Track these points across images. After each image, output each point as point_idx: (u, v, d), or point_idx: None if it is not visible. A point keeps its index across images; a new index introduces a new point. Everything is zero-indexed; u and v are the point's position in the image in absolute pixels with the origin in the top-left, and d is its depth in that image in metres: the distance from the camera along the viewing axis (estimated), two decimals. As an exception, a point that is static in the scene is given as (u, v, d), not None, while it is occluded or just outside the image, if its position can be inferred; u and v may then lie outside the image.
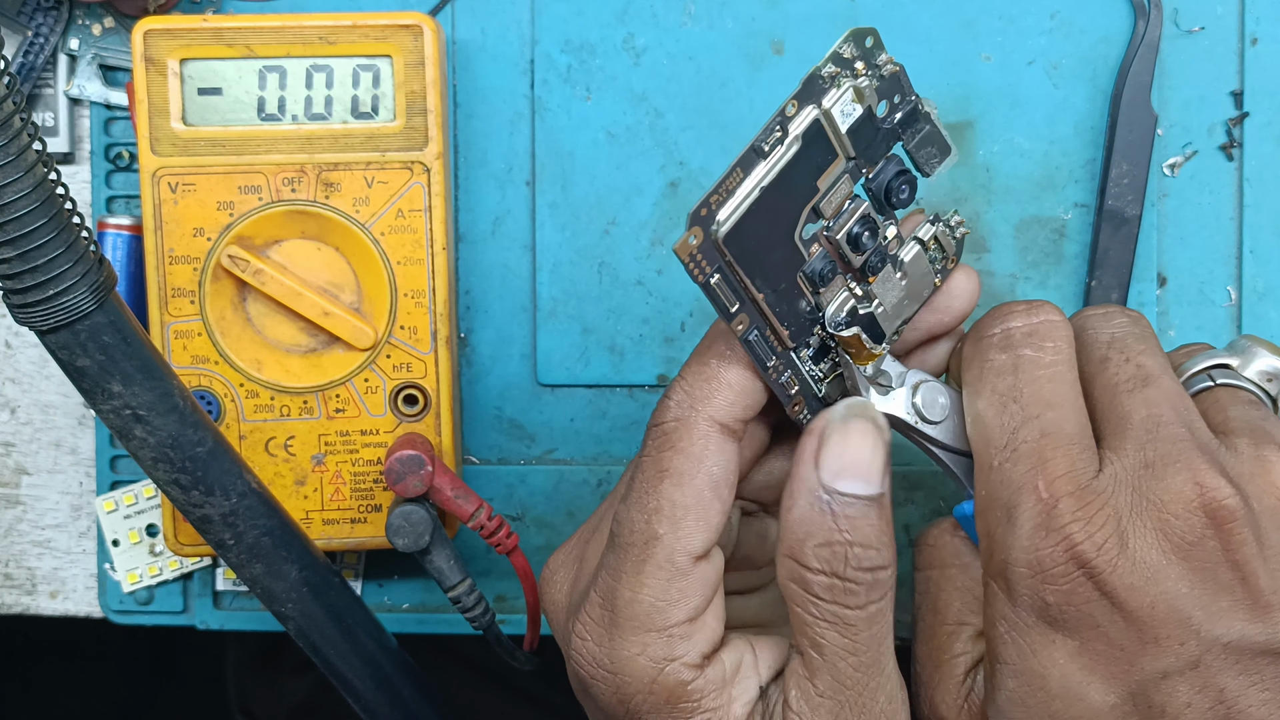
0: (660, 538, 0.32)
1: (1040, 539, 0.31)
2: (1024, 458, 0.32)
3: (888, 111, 0.34)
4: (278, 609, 0.40)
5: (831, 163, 0.33)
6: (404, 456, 0.42)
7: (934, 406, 0.35)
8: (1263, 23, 0.46)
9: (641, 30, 0.46)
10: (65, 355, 0.33)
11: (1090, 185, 0.46)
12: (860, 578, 0.31)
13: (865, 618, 0.31)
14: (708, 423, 0.32)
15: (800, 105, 0.32)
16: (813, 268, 0.33)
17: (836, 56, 0.33)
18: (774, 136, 0.32)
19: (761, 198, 0.32)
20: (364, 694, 0.42)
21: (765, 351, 0.33)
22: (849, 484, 0.31)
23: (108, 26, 0.47)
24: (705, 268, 0.31)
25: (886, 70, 0.34)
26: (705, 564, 0.32)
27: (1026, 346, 0.33)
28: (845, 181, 0.33)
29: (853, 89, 0.33)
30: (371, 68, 0.43)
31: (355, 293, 0.44)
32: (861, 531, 0.31)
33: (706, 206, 0.31)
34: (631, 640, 0.32)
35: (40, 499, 0.49)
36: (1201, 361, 0.36)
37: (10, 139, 0.29)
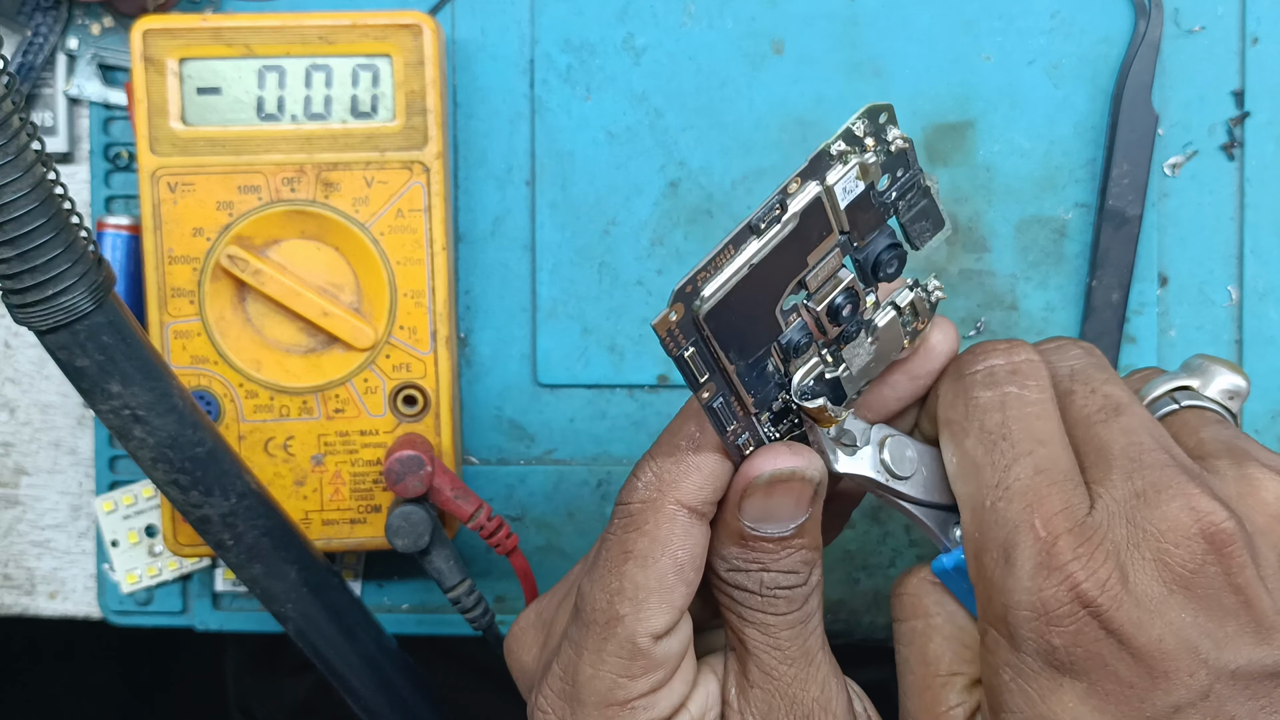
0: (622, 619, 0.32)
1: (1042, 580, 0.30)
2: (1018, 496, 0.31)
3: (889, 185, 0.33)
4: (277, 609, 0.40)
5: (825, 238, 0.32)
6: (404, 457, 0.42)
7: (902, 461, 0.34)
8: (1263, 22, 0.45)
9: (641, 30, 0.46)
10: (64, 355, 0.33)
11: (1091, 185, 0.46)
12: (779, 594, 0.33)
13: (786, 622, 0.33)
14: (675, 506, 0.32)
15: (804, 181, 0.31)
16: (789, 339, 0.32)
17: (848, 134, 0.32)
18: (772, 214, 0.31)
19: (749, 274, 0.31)
20: (364, 694, 0.42)
21: (727, 417, 0.33)
22: (768, 528, 0.32)
23: (107, 26, 0.47)
24: (681, 341, 0.31)
25: (895, 146, 0.33)
26: (669, 640, 0.33)
27: (1011, 384, 0.33)
28: (835, 255, 0.33)
29: (859, 166, 0.32)
30: (371, 67, 0.43)
31: (355, 293, 0.44)
32: (778, 563, 0.32)
33: (693, 283, 0.31)
34: (593, 714, 0.33)
35: (39, 499, 0.49)
36: (1161, 385, 0.35)
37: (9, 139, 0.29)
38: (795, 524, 0.32)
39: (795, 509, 0.32)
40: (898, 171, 0.33)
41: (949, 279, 0.47)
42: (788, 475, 0.32)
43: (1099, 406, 0.33)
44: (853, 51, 0.46)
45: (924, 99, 0.46)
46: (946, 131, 0.46)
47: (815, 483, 0.32)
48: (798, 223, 0.31)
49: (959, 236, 0.46)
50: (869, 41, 0.46)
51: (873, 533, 0.48)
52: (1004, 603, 0.31)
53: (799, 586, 0.33)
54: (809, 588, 0.33)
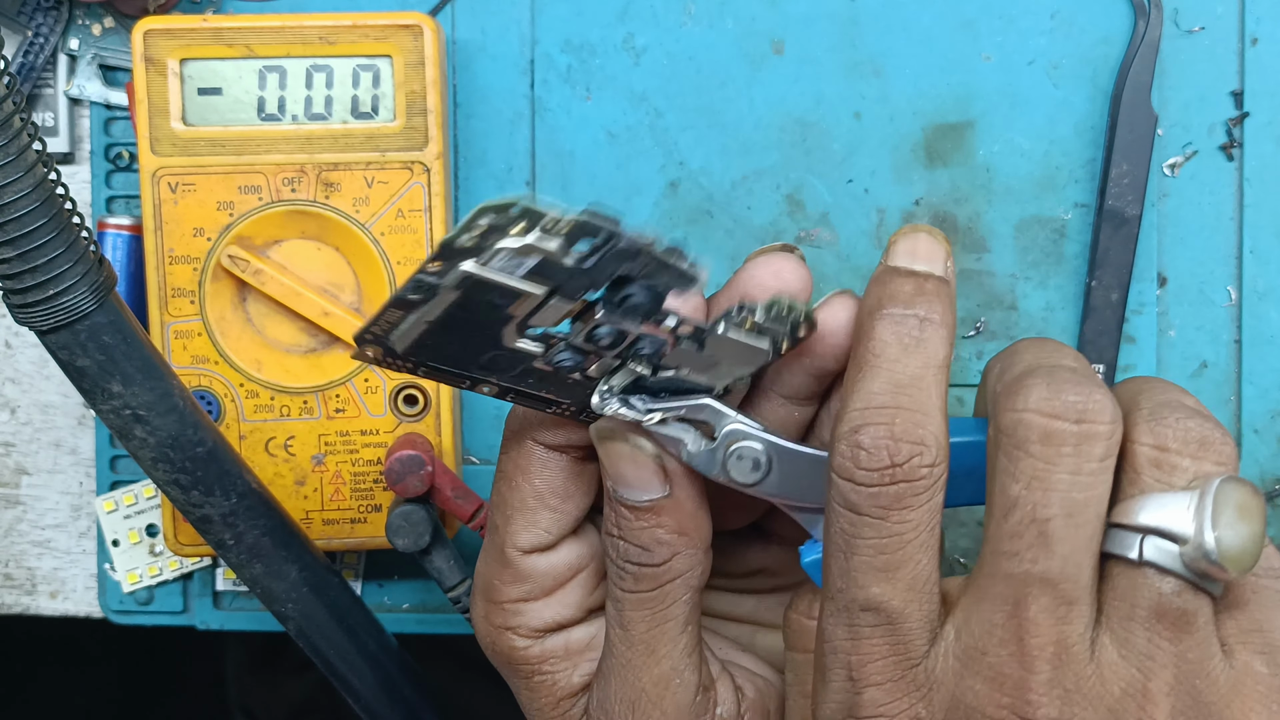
0: (496, 528, 0.35)
1: (841, 716, 0.30)
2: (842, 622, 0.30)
3: (590, 251, 0.28)
4: (278, 609, 0.40)
5: (517, 299, 0.28)
6: (404, 457, 0.42)
7: (744, 472, 0.32)
8: (1263, 23, 0.45)
9: (641, 30, 0.46)
10: (65, 355, 0.33)
11: (1090, 185, 0.46)
12: (628, 568, 0.33)
13: (632, 601, 0.33)
14: (532, 442, 0.34)
15: (444, 265, 0.27)
16: (557, 358, 0.30)
17: (469, 226, 0.27)
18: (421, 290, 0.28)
19: (431, 330, 0.29)
20: (364, 694, 0.42)
21: (538, 404, 0.32)
22: (625, 492, 0.33)
23: (108, 26, 0.47)
24: (404, 364, 0.30)
25: (563, 228, 0.27)
26: (540, 557, 0.35)
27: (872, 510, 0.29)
28: (556, 304, 0.29)
29: (506, 250, 0.27)
30: (371, 68, 0.43)
31: (355, 293, 0.44)
32: (633, 534, 0.33)
33: (370, 333, 0.29)
34: (479, 604, 0.36)
35: (40, 499, 0.49)
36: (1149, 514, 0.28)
37: (10, 139, 0.29)
38: (649, 496, 0.32)
39: (640, 478, 0.32)
40: (594, 239, 0.28)
41: (949, 279, 0.47)
42: (609, 433, 0.33)
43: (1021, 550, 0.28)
44: (853, 51, 0.46)
45: (924, 99, 0.46)
46: (946, 132, 0.46)
47: (650, 453, 0.32)
48: (460, 293, 0.28)
49: (959, 237, 0.46)
50: (869, 41, 0.46)
51: (872, 532, 0.48)
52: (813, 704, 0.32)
53: (649, 566, 0.33)
54: (664, 572, 0.33)
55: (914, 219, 0.46)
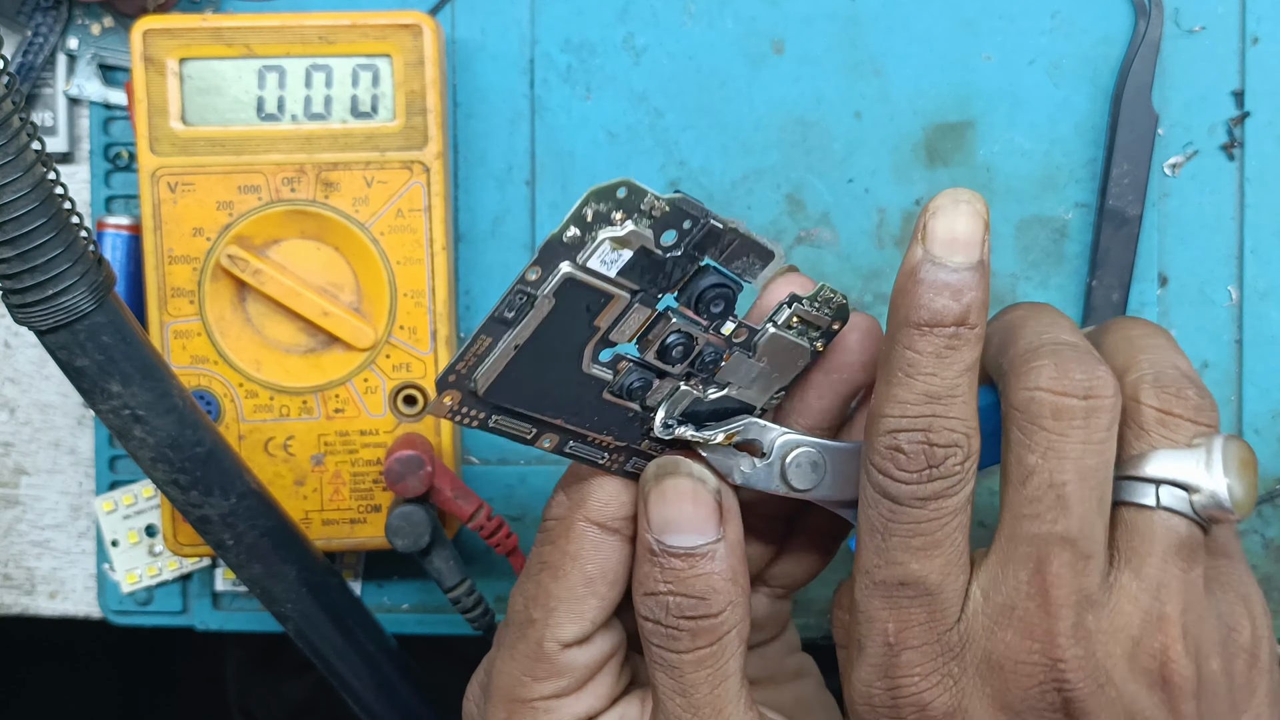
0: (534, 622, 0.33)
1: (876, 679, 0.31)
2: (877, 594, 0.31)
3: (678, 239, 0.30)
4: (277, 609, 0.40)
5: (607, 305, 0.30)
6: (404, 457, 0.42)
7: (805, 476, 0.33)
8: (1264, 22, 0.45)
9: (641, 30, 0.46)
10: (64, 355, 0.33)
11: (1091, 185, 0.46)
12: (683, 625, 0.32)
13: (692, 661, 0.32)
14: (584, 523, 0.33)
15: (544, 270, 0.29)
16: (622, 384, 0.31)
17: (577, 218, 0.29)
18: (518, 303, 0.29)
19: (520, 355, 0.30)
20: (363, 694, 0.42)
21: (592, 455, 0.32)
22: (675, 538, 0.32)
23: (107, 26, 0.47)
24: (476, 415, 0.30)
25: (658, 209, 0.29)
26: (579, 650, 0.33)
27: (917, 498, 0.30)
28: (637, 311, 0.31)
29: (610, 240, 0.29)
30: (371, 67, 0.43)
31: (355, 293, 0.44)
32: (685, 584, 0.32)
33: (454, 373, 0.30)
34: (500, 707, 0.34)
35: (39, 499, 0.49)
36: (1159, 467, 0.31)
37: (9, 139, 0.29)
38: (704, 540, 0.31)
39: (697, 517, 0.32)
40: (683, 224, 0.30)
41: (949, 279, 0.46)
42: (672, 467, 0.32)
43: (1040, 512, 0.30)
44: (853, 51, 0.46)
45: (924, 99, 0.46)
46: (946, 131, 0.46)
47: (711, 487, 0.32)
48: (555, 302, 0.29)
49: (959, 236, 0.46)
50: (869, 41, 0.46)
51: (873, 533, 0.48)
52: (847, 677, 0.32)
53: (706, 618, 0.32)
54: (721, 624, 0.32)
55: (915, 219, 0.46)
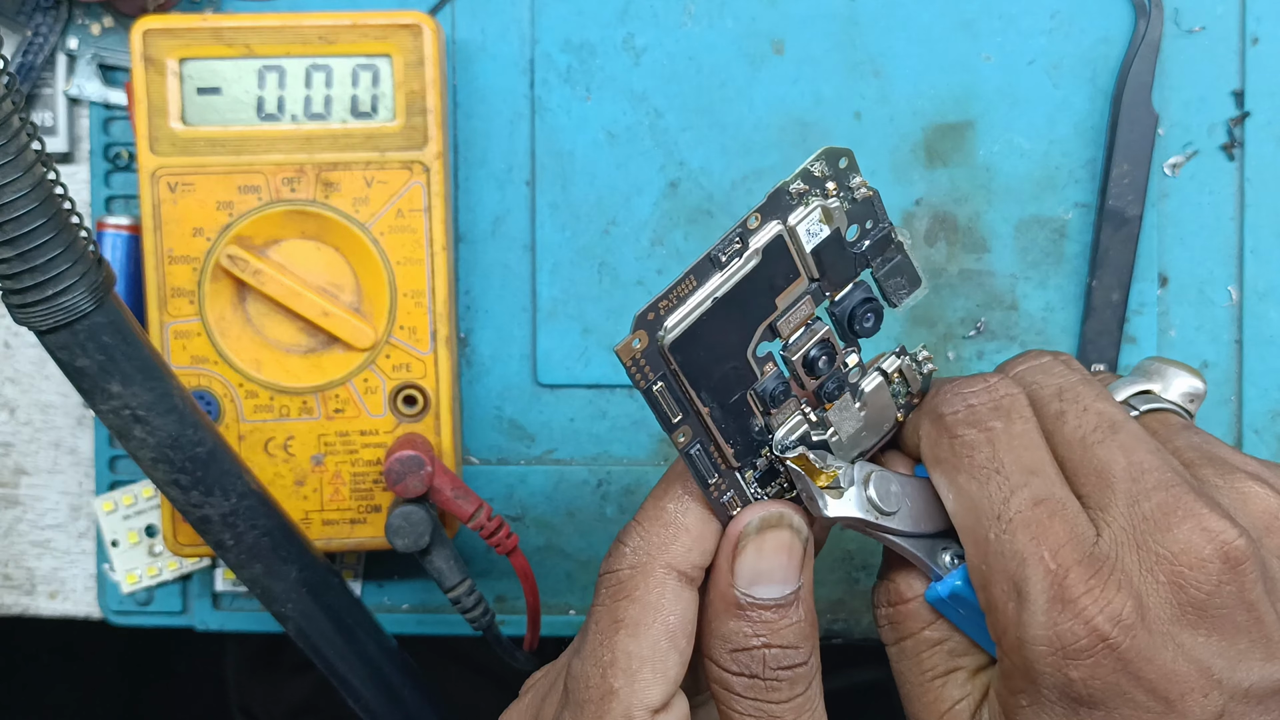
0: (616, 692, 0.31)
1: (1057, 614, 0.30)
2: (1021, 528, 0.31)
3: (858, 236, 0.32)
4: (277, 609, 0.40)
5: (792, 282, 0.31)
6: (404, 457, 0.42)
7: (888, 498, 0.33)
8: (1263, 22, 0.45)
9: (641, 30, 0.46)
10: (64, 355, 0.33)
11: (1091, 185, 0.46)
12: (781, 675, 0.31)
13: (792, 709, 0.32)
14: (664, 570, 0.31)
15: (764, 219, 0.31)
16: (764, 387, 0.32)
17: (807, 174, 0.31)
18: (733, 247, 0.30)
19: (714, 309, 0.30)
20: (364, 694, 0.42)
21: (707, 468, 0.32)
22: (764, 589, 0.31)
23: (107, 26, 0.47)
24: (649, 374, 0.30)
25: (860, 194, 0.32)
26: (664, 715, 0.32)
27: (995, 419, 0.32)
28: (806, 303, 0.32)
29: (821, 209, 0.31)
30: (371, 67, 0.43)
31: (355, 293, 0.44)
32: (779, 634, 0.31)
33: (655, 311, 0.30)
34: None
35: (39, 499, 0.49)
36: (1121, 392, 0.35)
37: (9, 139, 0.29)
38: (791, 589, 0.31)
39: (789, 567, 0.31)
40: (866, 223, 0.32)
41: (949, 279, 0.47)
42: (776, 519, 0.31)
43: (1094, 426, 0.32)
44: (853, 51, 0.46)
45: (924, 99, 0.46)
46: (946, 131, 0.46)
47: (804, 537, 0.32)
48: (760, 259, 0.31)
49: (959, 236, 0.46)
50: (869, 41, 0.46)
51: (873, 533, 0.48)
52: (1019, 636, 0.31)
53: (801, 665, 0.31)
54: (810, 669, 0.32)
55: (914, 219, 0.46)
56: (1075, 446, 0.32)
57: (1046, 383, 0.34)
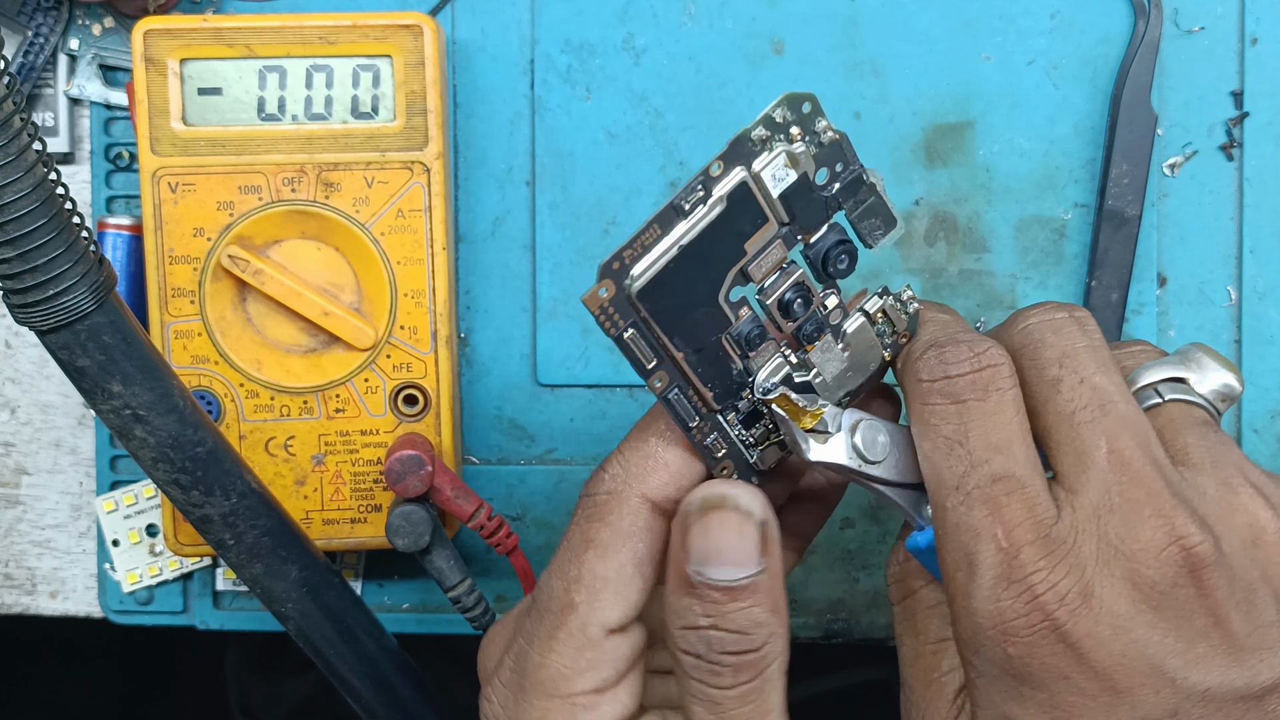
0: (576, 606, 0.32)
1: (1002, 590, 0.30)
2: (979, 503, 0.31)
3: (828, 180, 0.32)
4: (278, 609, 0.40)
5: (761, 227, 0.31)
6: (404, 456, 0.42)
7: (874, 446, 0.33)
8: (1263, 23, 0.46)
9: (641, 30, 0.46)
10: (65, 355, 0.33)
11: (1090, 185, 0.46)
12: (725, 660, 0.31)
13: (734, 697, 0.31)
14: (640, 500, 0.32)
15: (726, 166, 0.31)
16: (740, 331, 0.32)
17: (768, 120, 0.31)
18: (696, 195, 0.30)
19: (680, 256, 0.30)
20: (363, 694, 0.42)
21: (687, 412, 0.32)
22: (716, 571, 0.31)
23: (108, 26, 0.47)
24: (618, 321, 0.30)
25: (826, 137, 0.32)
26: (620, 638, 0.32)
27: (969, 393, 0.32)
28: (778, 247, 0.32)
29: (786, 154, 0.31)
30: (371, 68, 0.43)
31: (355, 293, 0.44)
32: (728, 618, 0.31)
33: (619, 260, 0.30)
34: (535, 704, 0.32)
35: (40, 499, 0.49)
36: (1152, 374, 0.34)
37: (10, 139, 0.29)
38: (745, 573, 0.30)
39: (741, 551, 0.31)
40: (836, 166, 0.32)
41: (948, 279, 0.47)
42: (718, 500, 0.31)
43: (1085, 403, 0.32)
44: (853, 51, 0.46)
45: (924, 99, 0.46)
46: (946, 131, 0.46)
47: (758, 520, 0.31)
48: (725, 206, 0.31)
49: (959, 236, 0.46)
50: (869, 41, 0.46)
51: (872, 532, 0.48)
52: (965, 607, 0.31)
53: (750, 653, 0.31)
54: (763, 658, 0.31)
55: (914, 219, 0.46)
56: (1063, 421, 0.32)
57: (1053, 343, 0.33)
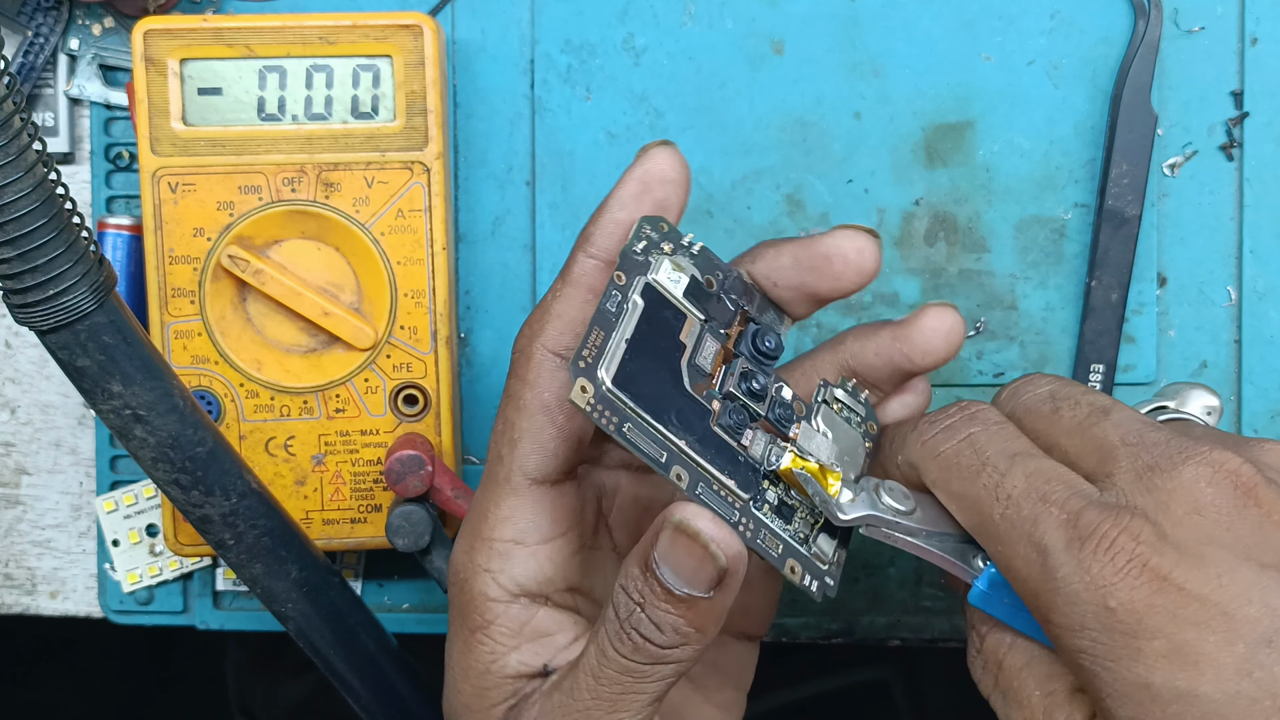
0: (502, 458, 0.35)
1: (1078, 550, 0.30)
2: (1023, 498, 0.31)
3: (719, 284, 0.35)
4: (278, 609, 0.40)
5: (685, 321, 0.33)
6: (404, 456, 0.42)
7: (900, 498, 0.34)
8: (1263, 23, 0.46)
9: (641, 30, 0.46)
10: (65, 355, 0.33)
11: (1090, 185, 0.46)
12: (634, 636, 0.32)
13: (621, 665, 0.32)
14: (541, 352, 0.35)
15: (628, 276, 0.33)
16: (724, 421, 0.33)
17: (639, 235, 0.34)
18: (615, 299, 0.32)
19: (631, 349, 0.32)
20: (363, 694, 0.42)
21: (725, 508, 0.32)
22: (668, 574, 0.31)
23: (108, 26, 0.47)
24: (611, 417, 0.31)
25: (695, 249, 0.35)
26: (545, 490, 0.35)
27: (969, 426, 0.33)
28: (709, 341, 0.34)
29: (669, 260, 0.34)
30: (371, 68, 0.43)
31: (355, 293, 0.44)
32: (656, 611, 0.32)
33: (582, 359, 0.31)
34: (464, 539, 0.35)
35: (40, 499, 0.49)
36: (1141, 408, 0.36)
37: (10, 139, 0.29)
38: (688, 592, 0.31)
39: (693, 575, 0.31)
40: (716, 273, 0.35)
41: (948, 279, 0.47)
42: (691, 533, 0.31)
43: (1087, 413, 0.33)
44: (853, 51, 0.46)
45: (924, 99, 0.46)
46: (946, 131, 0.46)
47: (719, 564, 0.31)
48: (643, 305, 0.33)
49: (959, 236, 0.46)
50: (869, 41, 0.46)
51: (872, 532, 0.48)
52: (1051, 590, 0.30)
53: (655, 646, 0.32)
54: (666, 656, 0.32)
55: (914, 219, 0.46)
56: (1074, 434, 0.33)
57: (1036, 390, 0.35)
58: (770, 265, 0.36)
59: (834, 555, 0.34)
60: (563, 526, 0.35)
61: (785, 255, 0.36)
